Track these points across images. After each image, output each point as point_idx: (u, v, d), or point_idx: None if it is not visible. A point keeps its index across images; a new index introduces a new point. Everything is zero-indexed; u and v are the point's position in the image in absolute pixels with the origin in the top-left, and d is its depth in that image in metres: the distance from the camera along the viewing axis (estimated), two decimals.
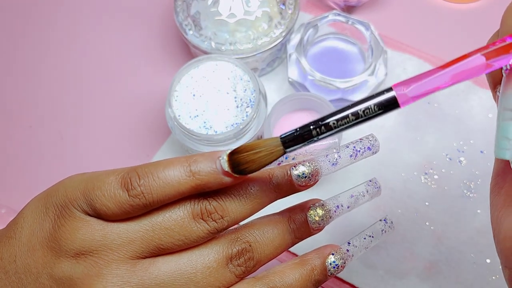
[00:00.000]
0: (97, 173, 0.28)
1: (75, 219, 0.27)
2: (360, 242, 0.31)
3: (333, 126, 0.25)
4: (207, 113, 0.47)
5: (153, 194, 0.26)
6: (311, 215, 0.30)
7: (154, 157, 0.54)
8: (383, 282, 0.48)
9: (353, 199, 0.31)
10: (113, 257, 0.26)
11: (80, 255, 0.26)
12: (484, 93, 0.55)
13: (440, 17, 0.60)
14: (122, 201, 0.26)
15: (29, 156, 0.56)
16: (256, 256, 0.28)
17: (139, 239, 0.27)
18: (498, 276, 0.47)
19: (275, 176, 0.29)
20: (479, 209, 0.50)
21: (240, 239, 0.28)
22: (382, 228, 0.32)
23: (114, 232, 0.27)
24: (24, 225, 0.28)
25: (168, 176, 0.26)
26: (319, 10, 0.60)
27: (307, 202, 0.31)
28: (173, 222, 0.27)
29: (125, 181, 0.26)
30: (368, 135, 0.31)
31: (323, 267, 0.30)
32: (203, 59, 0.48)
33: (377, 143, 0.31)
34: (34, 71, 0.60)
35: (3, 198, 0.54)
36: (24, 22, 0.63)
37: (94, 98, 0.58)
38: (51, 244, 0.27)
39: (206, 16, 0.53)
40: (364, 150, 0.30)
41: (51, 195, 0.28)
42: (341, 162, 0.30)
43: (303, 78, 0.52)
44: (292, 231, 0.30)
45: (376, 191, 0.32)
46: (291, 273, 0.29)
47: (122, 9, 0.63)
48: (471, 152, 0.52)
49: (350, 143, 0.30)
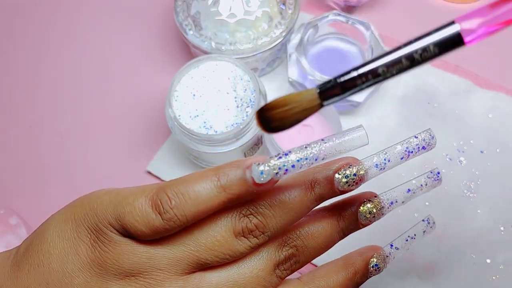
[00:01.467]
0: (123, 193, 0.27)
1: (117, 244, 0.26)
2: (401, 244, 0.30)
3: (382, 72, 0.21)
4: (207, 113, 0.47)
5: (187, 215, 0.26)
6: (363, 212, 0.28)
7: (154, 157, 0.54)
8: (383, 282, 0.47)
9: (409, 193, 0.29)
10: (165, 276, 0.26)
11: (130, 277, 0.26)
12: (484, 93, 0.55)
13: (440, 17, 0.60)
14: (157, 226, 0.26)
15: (29, 156, 0.56)
16: (302, 259, 0.28)
17: (185, 258, 0.27)
18: (498, 276, 0.47)
19: (317, 184, 0.27)
20: (479, 209, 0.50)
21: (288, 244, 0.28)
22: (424, 229, 0.31)
23: (159, 253, 0.26)
24: (52, 251, 0.27)
25: (199, 194, 0.26)
26: (319, 10, 0.60)
27: (360, 196, 0.29)
28: (217, 243, 0.27)
29: (155, 204, 0.26)
30: (426, 131, 0.27)
31: (365, 270, 0.30)
32: (203, 59, 0.48)
33: (434, 141, 0.27)
34: (34, 71, 0.60)
35: (2, 199, 0.54)
36: (24, 22, 0.63)
37: (94, 98, 0.58)
38: (96, 270, 0.26)
39: (206, 16, 0.53)
40: (417, 150, 0.27)
41: (80, 218, 0.27)
42: (390, 166, 0.27)
43: (303, 78, 0.52)
44: (341, 230, 0.29)
45: (436, 183, 0.29)
46: (335, 277, 0.29)
47: (122, 9, 0.63)
48: (471, 152, 0.52)
49: (403, 141, 0.27)
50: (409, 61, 0.20)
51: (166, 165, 0.54)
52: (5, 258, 0.29)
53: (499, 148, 0.52)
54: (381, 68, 0.20)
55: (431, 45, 0.20)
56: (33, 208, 0.53)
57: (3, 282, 0.28)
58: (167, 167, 0.53)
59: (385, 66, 0.20)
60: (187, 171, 0.53)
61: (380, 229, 0.50)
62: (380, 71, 0.20)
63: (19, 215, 0.52)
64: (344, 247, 0.31)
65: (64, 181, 0.54)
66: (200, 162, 0.52)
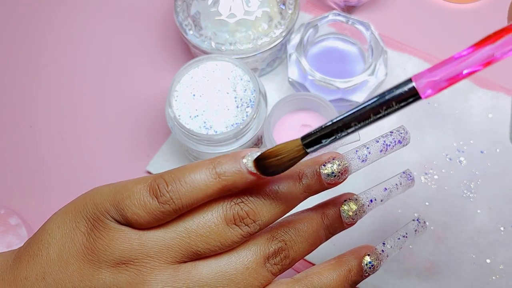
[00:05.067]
0: (123, 183, 0.28)
1: (111, 230, 0.27)
2: (394, 242, 0.31)
3: (354, 125, 0.25)
4: (207, 113, 0.47)
5: (182, 199, 0.27)
6: (345, 210, 0.30)
7: (154, 157, 0.54)
8: (383, 282, 0.48)
9: (386, 192, 0.31)
10: (155, 264, 0.27)
11: (121, 265, 0.27)
12: (484, 93, 0.55)
13: (440, 17, 0.60)
14: (153, 208, 0.26)
15: (29, 156, 0.56)
16: (291, 254, 0.29)
17: (176, 245, 0.27)
18: (498, 276, 0.47)
19: (304, 176, 0.29)
20: (479, 209, 0.50)
21: (276, 238, 0.29)
22: (415, 228, 0.32)
23: (151, 240, 0.27)
24: (51, 241, 0.28)
25: (195, 180, 0.27)
26: (319, 10, 0.60)
27: (340, 197, 0.31)
28: (208, 229, 0.27)
29: (153, 189, 0.27)
30: (399, 128, 0.30)
31: (359, 268, 0.30)
32: (203, 59, 0.48)
33: (407, 136, 0.30)
34: (34, 71, 0.60)
35: (2, 199, 0.54)
36: (24, 22, 0.63)
37: (94, 98, 0.58)
38: (88, 256, 0.27)
39: (206, 16, 0.53)
40: (394, 143, 0.29)
41: (79, 209, 0.28)
42: (371, 158, 0.29)
43: (303, 78, 0.52)
44: (326, 227, 0.30)
45: (409, 183, 0.32)
46: (328, 274, 0.29)
47: (122, 9, 0.63)
48: (471, 152, 0.52)
49: (380, 137, 0.30)
50: (376, 115, 0.24)
51: (166, 165, 0.54)
52: (10, 255, 0.29)
53: (499, 148, 0.52)
54: (353, 123, 0.25)
55: (394, 102, 0.24)
56: (33, 208, 0.53)
57: (4, 275, 0.28)
58: (167, 167, 0.53)
59: (357, 121, 0.24)
60: None
61: (380, 228, 0.50)
62: (352, 125, 0.25)
63: (19, 215, 0.52)
64: (346, 249, 0.31)
65: (64, 181, 0.54)
66: None
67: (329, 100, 0.50)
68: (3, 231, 0.50)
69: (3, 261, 0.29)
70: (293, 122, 0.51)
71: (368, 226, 0.49)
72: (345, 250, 0.31)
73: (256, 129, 0.48)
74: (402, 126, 0.30)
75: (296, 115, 0.52)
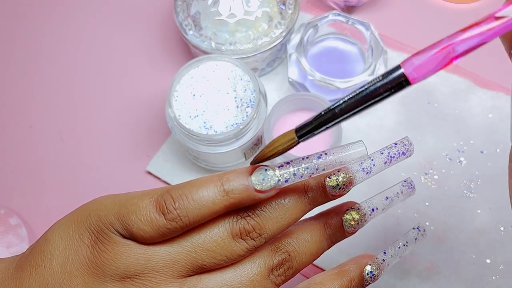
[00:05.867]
0: (128, 196, 0.28)
1: (116, 244, 0.27)
2: (395, 251, 0.31)
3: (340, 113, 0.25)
4: (207, 113, 0.47)
5: (189, 216, 0.26)
6: (347, 219, 0.30)
7: (154, 157, 0.54)
8: (383, 282, 0.48)
9: (388, 201, 0.31)
10: (161, 278, 0.27)
11: (126, 279, 0.26)
12: (484, 93, 0.55)
13: (440, 17, 0.60)
14: (160, 225, 0.26)
15: (29, 156, 0.56)
16: (295, 264, 0.29)
17: (182, 260, 0.27)
18: (498, 276, 0.47)
19: (310, 189, 0.29)
20: (479, 209, 0.50)
21: (280, 250, 0.29)
22: (415, 236, 0.33)
23: (157, 254, 0.27)
24: (53, 252, 0.27)
25: (202, 197, 0.27)
26: (319, 10, 0.60)
27: (342, 206, 0.31)
28: (214, 244, 0.27)
29: (160, 205, 0.26)
30: (403, 139, 0.30)
31: (360, 277, 0.30)
32: (203, 59, 0.48)
33: (412, 147, 0.30)
34: (34, 71, 0.60)
35: (2, 199, 0.54)
36: (24, 22, 0.63)
37: (94, 98, 0.58)
38: (93, 270, 0.27)
39: (206, 16, 0.53)
40: (399, 155, 0.30)
41: (82, 220, 0.28)
42: (375, 170, 0.29)
43: (303, 78, 0.52)
44: (328, 236, 0.30)
45: (410, 191, 0.32)
46: (331, 285, 0.29)
47: (122, 9, 0.63)
48: (471, 152, 0.52)
49: (384, 148, 0.30)
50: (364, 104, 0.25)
51: (166, 165, 0.54)
52: (11, 262, 0.29)
53: (499, 148, 0.52)
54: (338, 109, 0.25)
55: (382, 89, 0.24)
56: (33, 208, 0.53)
57: (6, 283, 0.28)
58: (167, 167, 0.53)
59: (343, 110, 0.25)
60: (187, 171, 0.53)
61: (381, 229, 0.50)
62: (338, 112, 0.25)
63: (19, 215, 0.52)
64: (351, 254, 0.32)
65: (64, 181, 0.54)
66: (200, 162, 0.52)
67: (329, 100, 0.50)
68: (3, 231, 0.50)
69: (4, 269, 0.29)
70: (293, 122, 0.51)
71: (369, 226, 0.49)
72: (345, 250, 0.31)
73: (256, 129, 0.48)
74: (406, 138, 0.30)
75: (296, 115, 0.52)
